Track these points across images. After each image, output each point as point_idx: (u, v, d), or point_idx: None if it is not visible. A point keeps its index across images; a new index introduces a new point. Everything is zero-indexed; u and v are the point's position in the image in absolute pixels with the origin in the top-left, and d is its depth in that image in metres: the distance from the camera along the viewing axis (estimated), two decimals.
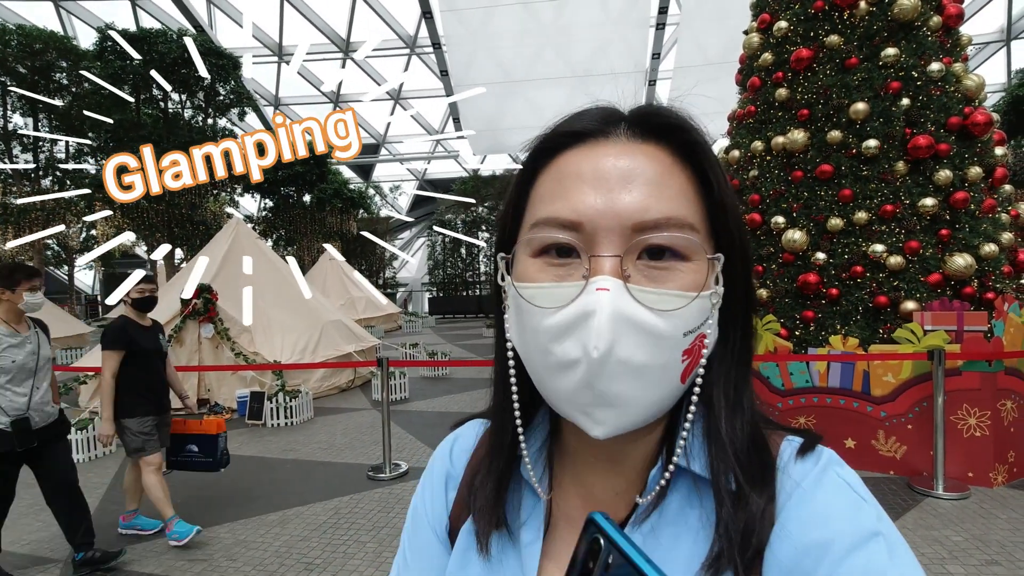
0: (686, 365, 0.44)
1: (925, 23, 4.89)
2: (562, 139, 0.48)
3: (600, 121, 0.47)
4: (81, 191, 14.21)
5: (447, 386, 9.27)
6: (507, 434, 0.53)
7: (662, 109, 0.47)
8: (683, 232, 0.43)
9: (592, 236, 0.43)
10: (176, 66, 14.47)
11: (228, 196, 17.79)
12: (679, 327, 0.42)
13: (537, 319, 0.44)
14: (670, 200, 0.44)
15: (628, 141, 0.46)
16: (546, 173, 0.48)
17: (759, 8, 5.74)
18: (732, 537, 0.42)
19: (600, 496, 0.51)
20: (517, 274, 0.47)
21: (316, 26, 25.41)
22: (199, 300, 7.79)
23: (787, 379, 4.85)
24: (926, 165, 4.76)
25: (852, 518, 0.42)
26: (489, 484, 0.54)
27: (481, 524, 0.53)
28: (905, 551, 0.41)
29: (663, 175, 0.45)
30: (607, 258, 0.42)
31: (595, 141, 0.46)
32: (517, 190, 0.50)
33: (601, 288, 0.41)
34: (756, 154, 5.47)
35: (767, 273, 5.27)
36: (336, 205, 22.67)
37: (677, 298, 0.42)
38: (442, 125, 32.10)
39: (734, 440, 0.46)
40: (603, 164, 0.45)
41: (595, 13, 22.11)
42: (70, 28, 23.34)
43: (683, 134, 0.46)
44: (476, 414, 0.64)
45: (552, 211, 0.45)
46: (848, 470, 0.47)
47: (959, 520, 3.65)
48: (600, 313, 0.40)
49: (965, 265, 4.49)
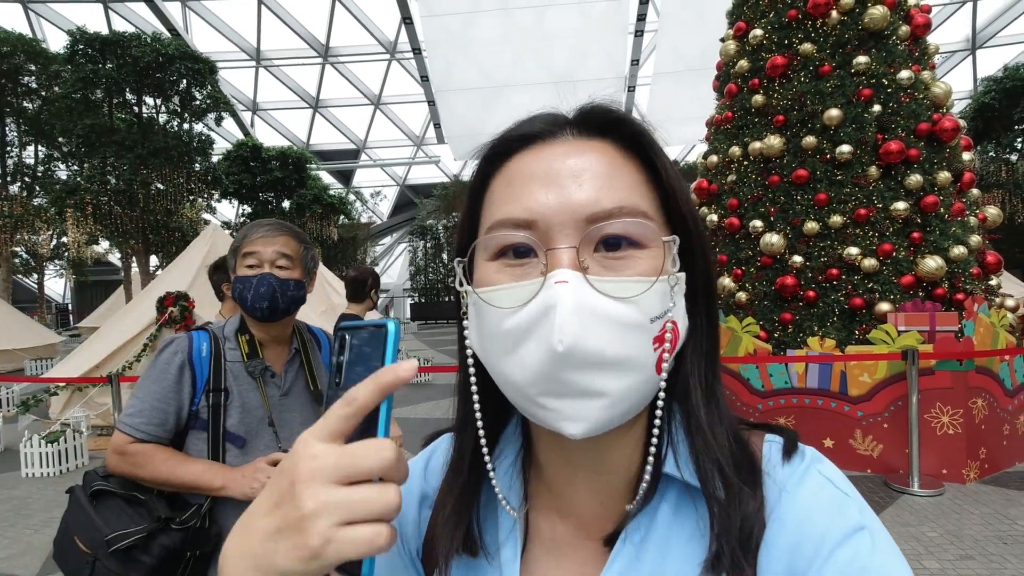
0: (659, 353, 0.43)
1: (894, 32, 5.03)
2: (511, 143, 0.48)
3: (547, 123, 0.48)
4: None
5: (429, 392, 9.21)
6: (468, 449, 0.51)
7: (603, 106, 0.48)
8: (635, 219, 0.43)
9: (547, 232, 0.43)
10: (150, 70, 14.20)
11: (205, 202, 17.48)
12: (644, 313, 0.42)
13: (498, 321, 0.43)
14: (621, 190, 0.44)
15: (575, 140, 0.47)
16: (498, 178, 0.48)
17: (735, 16, 5.85)
18: (730, 536, 0.42)
19: (583, 509, 0.50)
20: (476, 279, 0.47)
21: (295, 31, 25.23)
22: (175, 308, 7.64)
23: (767, 381, 4.92)
24: (897, 170, 4.89)
25: (836, 514, 0.43)
26: (449, 504, 0.51)
27: (439, 547, 0.50)
28: (887, 542, 0.42)
29: (612, 168, 0.45)
30: (563, 250, 0.42)
31: (543, 143, 0.47)
32: (471, 197, 0.51)
33: (560, 281, 0.41)
34: (734, 159, 5.56)
35: (746, 276, 5.35)
36: (316, 211, 22.43)
37: (636, 284, 0.42)
38: (423, 130, 32.06)
39: (715, 433, 0.46)
40: (553, 163, 0.45)
41: (575, 19, 22.34)
42: (39, 31, 22.82)
43: (627, 127, 0.47)
44: (447, 428, 0.60)
45: (505, 212, 0.45)
46: (830, 466, 0.47)
47: (934, 516, 3.73)
48: (561, 306, 0.40)
49: (936, 267, 4.61)
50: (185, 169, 15.53)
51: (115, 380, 5.10)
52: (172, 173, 15.13)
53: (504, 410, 0.52)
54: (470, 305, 0.48)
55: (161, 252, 15.71)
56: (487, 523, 0.52)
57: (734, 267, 5.45)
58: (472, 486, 0.51)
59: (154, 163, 14.66)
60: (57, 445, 5.57)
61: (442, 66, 24.16)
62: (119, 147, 14.29)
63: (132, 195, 14.43)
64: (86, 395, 7.22)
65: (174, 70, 14.51)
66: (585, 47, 23.10)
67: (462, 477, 0.51)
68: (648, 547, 0.46)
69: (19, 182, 17.70)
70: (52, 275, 27.57)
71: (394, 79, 29.47)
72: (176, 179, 15.26)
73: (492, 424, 0.50)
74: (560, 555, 0.50)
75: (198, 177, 16.08)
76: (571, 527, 0.51)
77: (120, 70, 13.87)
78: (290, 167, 21.49)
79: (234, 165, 20.52)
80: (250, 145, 21.31)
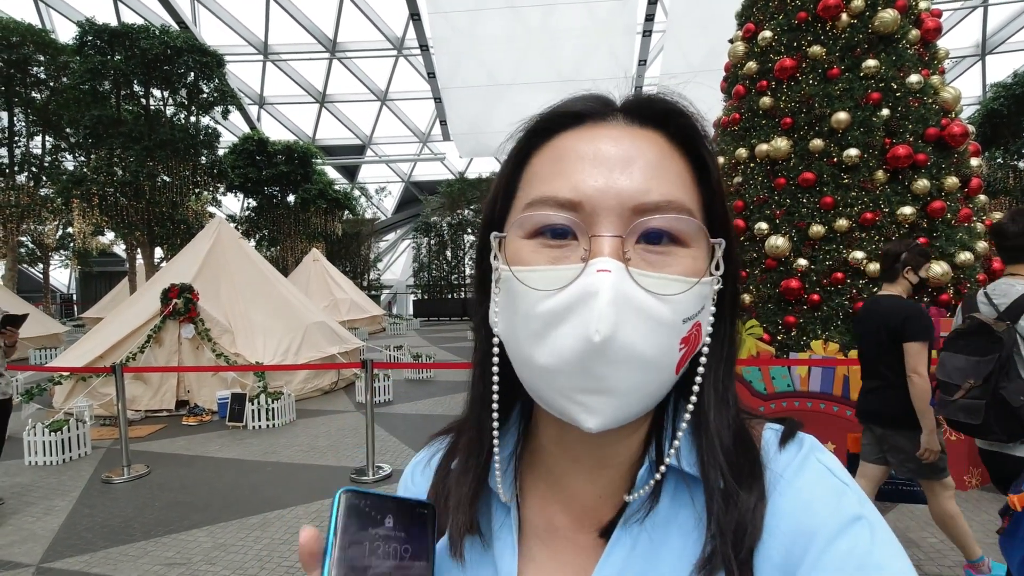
0: (682, 354, 0.43)
1: (904, 36, 5.01)
2: (560, 119, 0.47)
3: (600, 104, 0.47)
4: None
5: (431, 389, 9.23)
6: (487, 430, 0.50)
7: (660, 95, 0.47)
8: (683, 215, 0.43)
9: (592, 216, 0.42)
10: (158, 62, 14.23)
11: (210, 195, 17.51)
12: (679, 313, 0.41)
13: (531, 303, 0.42)
14: (670, 184, 0.43)
15: (627, 125, 0.46)
16: (542, 153, 0.47)
17: (744, 18, 5.83)
18: (724, 536, 0.42)
19: (582, 500, 0.50)
20: (508, 256, 0.45)
21: (303, 25, 25.24)
22: (179, 300, 7.67)
23: (769, 383, 4.91)
24: (905, 174, 4.87)
25: (835, 504, 0.42)
26: (466, 482, 0.51)
27: (455, 525, 0.50)
28: (887, 533, 0.42)
29: (662, 159, 0.44)
30: (608, 238, 0.41)
31: (594, 123, 0.46)
32: (509, 169, 0.49)
33: (602, 270, 0.39)
34: (740, 161, 5.55)
35: (751, 278, 5.34)
36: (320, 206, 22.47)
37: (678, 283, 0.41)
38: (429, 127, 32.05)
39: (721, 435, 0.46)
40: (603, 145, 0.44)
41: (582, 19, 22.29)
42: (48, 21, 22.90)
43: (680, 119, 0.46)
44: (450, 427, 0.61)
45: (550, 190, 0.43)
46: (829, 455, 0.47)
47: (934, 523, 3.72)
48: (602, 295, 0.39)
49: (942, 272, 4.59)
50: (191, 162, 15.55)
51: (119, 370, 5.14)
52: (178, 165, 15.15)
53: (508, 402, 0.51)
54: (501, 282, 0.45)
55: (166, 244, 15.74)
56: (482, 511, 0.52)
57: (739, 268, 5.44)
58: (487, 467, 0.51)
59: (160, 155, 14.69)
60: (60, 434, 5.61)
61: (448, 63, 24.15)
62: (126, 139, 14.31)
63: (138, 187, 14.47)
64: (89, 385, 7.26)
65: (182, 63, 14.53)
66: (592, 46, 23.04)
67: (481, 457, 0.51)
68: (645, 537, 0.46)
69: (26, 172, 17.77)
70: (57, 265, 27.70)
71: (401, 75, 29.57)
72: (182, 171, 15.28)
73: (501, 411, 0.50)
74: (556, 545, 0.50)
75: (204, 170, 16.11)
76: (567, 518, 0.51)
77: (128, 62, 13.88)
78: (296, 161, 21.54)
79: (240, 159, 20.57)
80: (256, 139, 21.36)
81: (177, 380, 7.69)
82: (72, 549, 3.69)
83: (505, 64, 23.91)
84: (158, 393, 7.54)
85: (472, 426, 0.53)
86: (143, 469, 5.23)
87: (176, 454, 5.83)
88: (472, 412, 0.53)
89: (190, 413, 7.39)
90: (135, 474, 5.08)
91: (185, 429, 6.86)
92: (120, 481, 4.97)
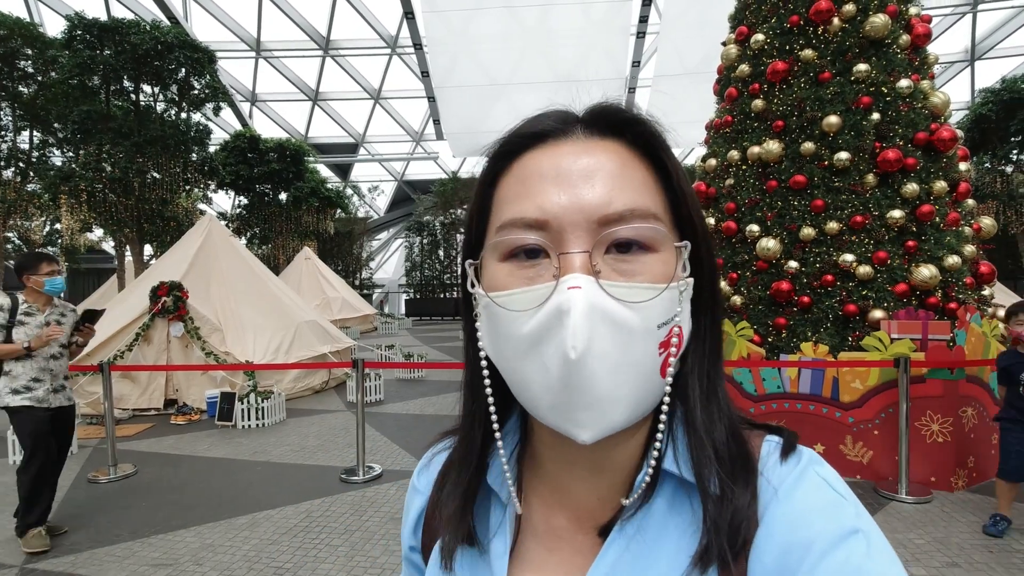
0: (664, 358, 0.44)
1: (895, 41, 5.05)
2: (521, 140, 0.48)
3: (558, 121, 0.48)
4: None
5: (423, 388, 9.20)
6: (476, 444, 0.53)
7: (615, 106, 0.48)
8: (648, 222, 0.44)
9: (559, 234, 0.43)
10: (148, 58, 14.07)
11: (201, 192, 17.35)
12: (652, 319, 0.42)
13: (511, 326, 0.44)
14: (633, 191, 0.44)
15: (586, 139, 0.47)
16: (508, 175, 0.48)
17: (737, 21, 5.86)
18: (720, 531, 0.43)
19: (583, 503, 0.51)
20: (487, 280, 0.47)
21: (296, 22, 25.09)
22: (169, 298, 7.59)
23: (759, 385, 4.94)
24: (894, 178, 4.91)
25: (832, 515, 0.42)
26: (456, 496, 0.53)
27: (447, 537, 0.52)
28: (884, 546, 0.42)
29: (623, 168, 0.45)
30: (576, 255, 0.42)
31: (554, 141, 0.47)
32: (480, 195, 0.50)
33: (573, 287, 0.41)
34: (732, 163, 5.58)
35: (741, 280, 5.37)
36: (312, 204, 22.33)
37: (647, 290, 0.42)
38: (422, 126, 31.97)
39: (711, 431, 0.47)
40: (564, 162, 0.45)
41: (577, 19, 22.32)
42: (37, 15, 22.61)
43: (638, 127, 0.47)
44: (454, 429, 0.62)
45: (517, 211, 0.45)
46: (828, 468, 0.47)
47: (921, 523, 3.76)
48: (574, 311, 0.40)
49: (930, 276, 4.63)
50: (182, 158, 15.39)
51: (106, 369, 5.08)
52: (168, 162, 14.99)
53: (506, 406, 0.53)
54: (482, 307, 0.48)
55: (156, 241, 15.59)
56: (479, 515, 0.53)
57: (730, 271, 5.47)
58: (477, 480, 0.53)
59: (150, 151, 14.53)
60: None
61: (443, 62, 24.09)
62: (115, 134, 14.14)
63: (127, 183, 14.30)
64: (76, 383, 7.17)
65: (173, 59, 14.36)
66: (587, 47, 23.09)
67: (469, 472, 0.53)
68: (641, 539, 0.46)
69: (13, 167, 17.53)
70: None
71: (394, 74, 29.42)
72: (172, 168, 15.12)
73: (499, 413, 0.51)
74: (553, 546, 0.51)
75: (195, 167, 15.94)
76: (565, 520, 0.52)
77: (118, 57, 13.71)
78: (288, 159, 21.38)
79: (231, 156, 20.39)
80: (248, 136, 21.18)
81: (166, 379, 7.63)
82: (57, 550, 3.64)
83: (499, 64, 23.90)
84: (146, 392, 7.47)
85: (464, 441, 0.55)
86: (130, 469, 5.17)
87: (164, 454, 5.77)
88: (463, 428, 0.55)
89: (179, 412, 7.32)
90: (122, 474, 5.03)
91: (173, 428, 6.80)
92: (107, 481, 4.91)
